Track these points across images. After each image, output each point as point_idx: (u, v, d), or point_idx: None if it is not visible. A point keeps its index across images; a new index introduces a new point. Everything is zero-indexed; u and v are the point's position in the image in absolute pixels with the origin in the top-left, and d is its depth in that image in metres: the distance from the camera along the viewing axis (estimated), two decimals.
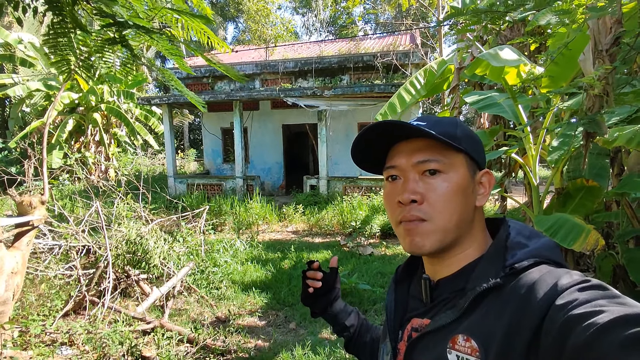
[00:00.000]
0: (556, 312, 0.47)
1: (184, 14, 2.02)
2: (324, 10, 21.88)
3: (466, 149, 0.62)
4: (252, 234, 7.08)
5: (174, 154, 11.32)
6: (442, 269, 0.66)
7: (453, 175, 0.61)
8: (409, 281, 0.75)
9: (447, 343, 0.57)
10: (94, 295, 3.88)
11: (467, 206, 0.62)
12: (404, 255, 5.93)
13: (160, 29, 2.07)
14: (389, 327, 0.71)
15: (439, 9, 9.25)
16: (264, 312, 4.07)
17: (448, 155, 0.61)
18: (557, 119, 3.13)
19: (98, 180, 7.16)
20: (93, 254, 4.51)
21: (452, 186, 0.61)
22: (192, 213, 6.17)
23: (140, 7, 2.02)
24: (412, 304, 0.71)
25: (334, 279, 0.95)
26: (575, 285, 0.49)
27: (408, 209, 0.62)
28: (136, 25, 1.72)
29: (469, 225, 0.63)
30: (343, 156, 11.87)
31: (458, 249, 0.63)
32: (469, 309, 0.57)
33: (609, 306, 0.43)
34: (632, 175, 2.49)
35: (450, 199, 0.60)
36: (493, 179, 0.65)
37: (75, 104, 12.50)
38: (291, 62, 11.87)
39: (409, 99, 4.73)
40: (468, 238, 0.63)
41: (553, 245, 0.59)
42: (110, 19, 1.83)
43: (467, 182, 0.62)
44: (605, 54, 1.60)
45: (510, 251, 0.58)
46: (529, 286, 0.52)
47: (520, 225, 0.63)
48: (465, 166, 0.62)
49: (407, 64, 10.41)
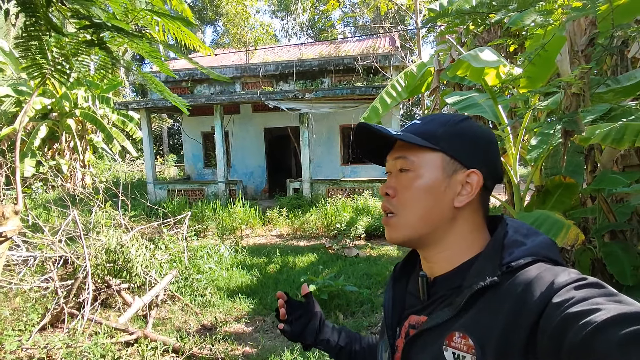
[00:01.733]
0: (553, 310, 0.47)
1: (164, 16, 1.98)
2: (303, 14, 21.93)
3: (444, 148, 0.62)
4: (236, 239, 6.99)
5: (153, 159, 11.09)
6: (435, 266, 0.66)
7: (421, 173, 0.63)
8: (407, 278, 0.76)
9: (444, 340, 0.58)
10: (72, 308, 3.74)
11: (438, 205, 0.62)
12: (390, 256, 5.98)
13: (140, 31, 2.01)
14: (387, 324, 0.72)
15: (416, 12, 9.42)
16: (250, 318, 4.02)
17: (418, 154, 0.64)
18: (534, 118, 3.23)
19: (74, 188, 6.93)
20: (71, 265, 4.35)
21: (418, 184, 0.63)
22: (173, 219, 6.04)
23: (119, 8, 1.96)
24: (410, 301, 0.71)
25: (312, 305, 0.93)
26: (572, 283, 0.49)
27: (384, 201, 0.68)
28: (116, 28, 1.67)
29: (447, 224, 0.63)
30: (326, 158, 11.90)
31: (439, 246, 0.65)
32: (465, 307, 0.57)
33: (606, 304, 0.44)
34: (607, 171, 2.58)
35: (415, 196, 0.63)
36: (480, 179, 0.62)
37: (47, 110, 12.08)
38: (272, 65, 11.83)
39: (390, 102, 4.79)
40: (449, 237, 0.64)
41: (550, 243, 0.60)
42: (87, 20, 1.77)
43: (437, 181, 0.62)
44: (581, 55, 1.65)
45: (507, 249, 0.58)
46: (525, 284, 0.52)
47: (517, 224, 0.63)
48: (438, 165, 0.63)
49: (387, 66, 10.54)
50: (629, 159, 2.91)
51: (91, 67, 2.38)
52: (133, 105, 11.10)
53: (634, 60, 3.36)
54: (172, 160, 19.26)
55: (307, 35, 23.57)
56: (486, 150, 0.65)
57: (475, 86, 4.18)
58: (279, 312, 0.89)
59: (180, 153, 18.87)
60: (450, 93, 3.77)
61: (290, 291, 4.58)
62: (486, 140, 0.65)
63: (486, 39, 4.07)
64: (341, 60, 11.30)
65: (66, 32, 2.02)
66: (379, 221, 7.29)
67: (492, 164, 0.65)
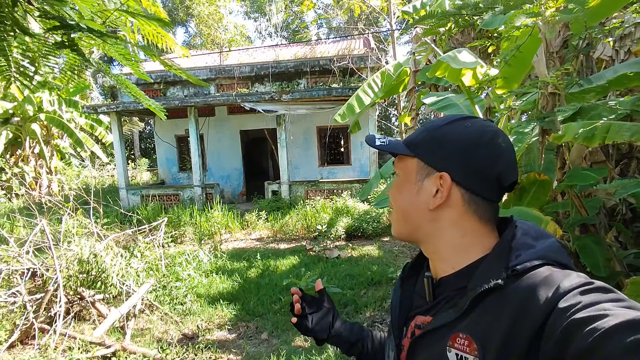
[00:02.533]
0: (558, 316, 0.46)
1: (139, 16, 1.90)
2: (277, 15, 21.83)
3: (418, 154, 0.67)
4: (215, 244, 6.85)
5: (125, 164, 10.72)
6: (437, 267, 0.68)
7: (401, 177, 0.70)
8: (415, 279, 0.76)
9: (447, 341, 0.58)
10: (43, 322, 3.55)
11: (413, 206, 0.67)
12: (371, 256, 6.02)
13: (114, 32, 1.93)
14: (393, 323, 0.73)
15: (390, 14, 9.56)
16: (233, 325, 3.94)
17: (402, 160, 0.70)
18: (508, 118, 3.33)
19: (41, 196, 6.60)
20: (40, 277, 4.13)
21: (397, 186, 0.71)
22: (149, 226, 5.84)
23: (90, 7, 1.87)
24: (417, 301, 0.72)
25: (325, 301, 0.96)
26: (578, 287, 0.48)
27: None
28: (89, 29, 1.59)
29: (428, 225, 0.66)
30: (303, 160, 11.87)
31: (430, 246, 0.68)
32: (469, 309, 0.57)
33: (613, 310, 0.43)
34: (577, 168, 2.70)
35: (395, 197, 0.71)
36: (446, 182, 0.62)
37: (9, 114, 11.47)
38: (247, 66, 11.70)
39: (367, 101, 4.83)
40: (437, 239, 0.66)
41: (559, 246, 0.59)
42: (57, 21, 1.68)
43: (410, 185, 0.67)
44: (555, 56, 1.71)
45: (514, 252, 0.58)
46: (530, 288, 0.52)
47: (527, 226, 0.62)
48: (413, 170, 0.67)
49: (363, 67, 10.63)
50: (596, 156, 3.05)
51: (56, 70, 2.26)
52: (103, 109, 10.69)
53: (598, 61, 3.53)
54: (145, 165, 18.68)
55: (281, 37, 23.47)
56: (467, 152, 0.62)
57: (451, 87, 4.28)
58: (294, 307, 0.91)
59: (153, 157, 18.36)
60: (427, 94, 3.83)
61: (274, 295, 4.53)
62: (468, 142, 0.62)
63: (460, 40, 4.18)
64: (317, 61, 11.31)
65: (33, 32, 1.91)
66: (359, 222, 7.33)
67: (476, 166, 0.62)
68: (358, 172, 11.56)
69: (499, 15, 1.60)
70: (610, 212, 3.41)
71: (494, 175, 0.62)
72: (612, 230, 3.28)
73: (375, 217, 7.52)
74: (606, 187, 1.85)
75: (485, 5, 1.48)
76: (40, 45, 1.96)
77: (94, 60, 2.11)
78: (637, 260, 2.80)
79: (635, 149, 3.55)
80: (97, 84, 15.73)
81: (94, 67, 2.05)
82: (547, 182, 2.72)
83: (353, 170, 11.65)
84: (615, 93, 3.45)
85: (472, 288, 0.58)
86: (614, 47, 3.17)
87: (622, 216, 3.31)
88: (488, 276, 0.57)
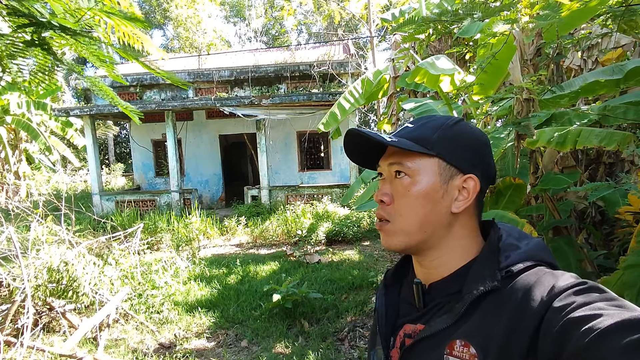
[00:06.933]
0: (554, 315, 0.47)
1: (116, 16, 1.85)
2: (257, 20, 21.79)
3: (439, 153, 0.60)
4: (193, 251, 6.70)
5: (99, 169, 10.39)
6: (431, 272, 0.64)
7: (418, 180, 0.61)
8: (399, 285, 0.74)
9: (444, 349, 0.56)
10: (9, 335, 3.36)
11: (435, 211, 0.61)
12: (352, 260, 6.03)
13: (88, 32, 1.86)
14: (381, 333, 0.68)
15: (370, 21, 9.69)
16: (212, 333, 3.85)
17: (414, 160, 0.61)
18: (484, 123, 3.42)
19: (8, 202, 6.30)
20: (6, 287, 3.92)
21: (414, 190, 0.61)
22: (124, 233, 5.66)
23: (62, 5, 1.81)
24: (404, 309, 0.69)
25: None
26: (572, 287, 0.49)
27: (378, 208, 0.66)
28: (61, 27, 1.53)
29: (444, 230, 0.62)
30: (283, 165, 11.82)
31: (436, 252, 0.63)
32: (466, 313, 0.56)
33: (608, 309, 0.43)
34: (550, 173, 2.79)
35: (412, 203, 0.61)
36: (477, 183, 0.61)
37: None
38: (226, 70, 11.58)
39: (349, 107, 4.87)
40: (447, 243, 0.62)
41: (544, 246, 0.60)
42: (26, 18, 1.61)
43: (434, 187, 0.60)
44: (529, 63, 1.77)
45: (503, 253, 0.58)
46: (526, 289, 0.52)
47: (508, 227, 0.63)
48: (435, 171, 0.61)
49: (343, 73, 10.71)
50: (567, 161, 3.17)
51: (25, 71, 2.17)
52: (75, 112, 10.33)
53: (567, 69, 3.69)
54: (120, 170, 18.15)
55: (261, 42, 23.41)
56: (481, 153, 0.63)
57: (430, 93, 4.37)
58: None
59: (129, 162, 17.87)
60: (406, 99, 3.89)
61: (254, 301, 4.46)
62: (481, 142, 0.63)
63: (438, 47, 4.27)
64: (297, 66, 11.32)
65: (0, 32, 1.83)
66: (339, 226, 7.33)
67: (486, 166, 0.63)
68: (338, 177, 11.60)
69: (477, 22, 1.65)
70: (580, 215, 3.54)
71: (494, 174, 0.65)
72: (583, 232, 3.41)
73: (356, 222, 7.55)
74: (580, 189, 1.93)
75: (464, 12, 1.53)
76: (8, 45, 1.88)
77: (67, 61, 2.03)
78: (606, 261, 2.91)
79: (602, 155, 3.71)
80: (69, 86, 15.22)
81: (66, 67, 1.97)
82: (522, 186, 2.80)
83: (333, 175, 11.68)
84: (584, 100, 3.61)
85: (468, 291, 0.56)
86: (582, 56, 3.32)
87: (592, 219, 3.45)
88: (483, 279, 0.56)
